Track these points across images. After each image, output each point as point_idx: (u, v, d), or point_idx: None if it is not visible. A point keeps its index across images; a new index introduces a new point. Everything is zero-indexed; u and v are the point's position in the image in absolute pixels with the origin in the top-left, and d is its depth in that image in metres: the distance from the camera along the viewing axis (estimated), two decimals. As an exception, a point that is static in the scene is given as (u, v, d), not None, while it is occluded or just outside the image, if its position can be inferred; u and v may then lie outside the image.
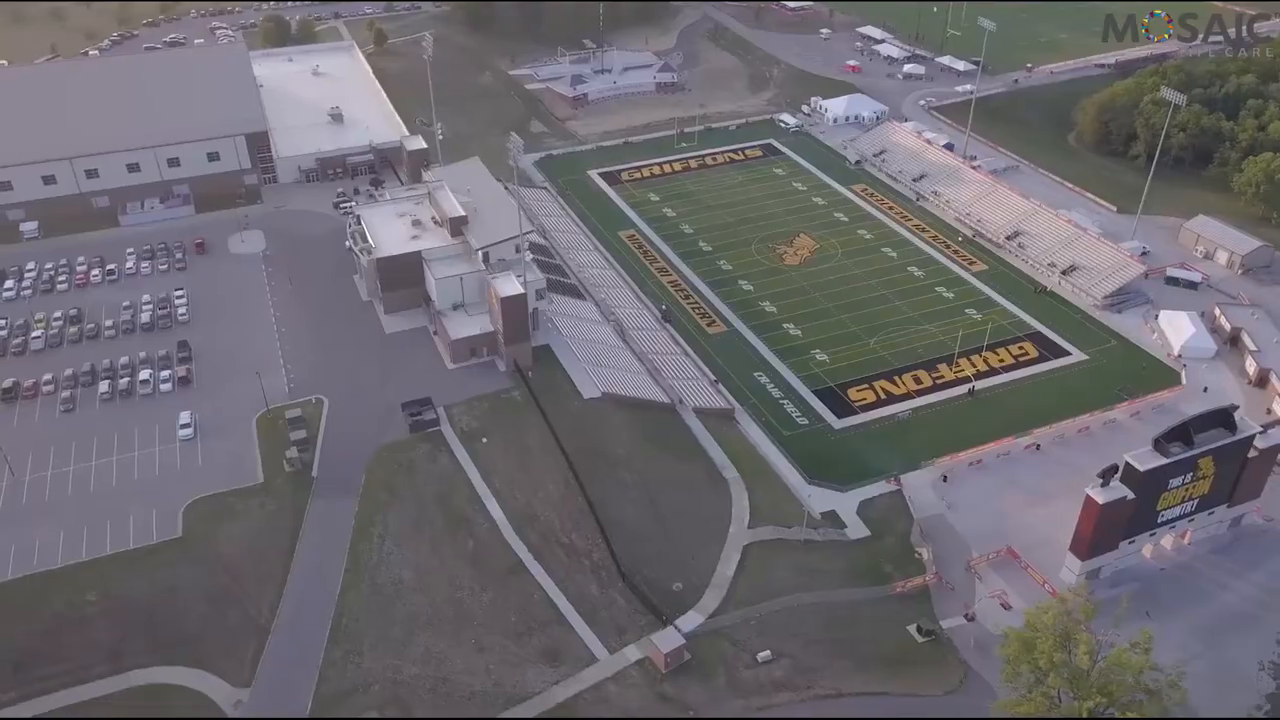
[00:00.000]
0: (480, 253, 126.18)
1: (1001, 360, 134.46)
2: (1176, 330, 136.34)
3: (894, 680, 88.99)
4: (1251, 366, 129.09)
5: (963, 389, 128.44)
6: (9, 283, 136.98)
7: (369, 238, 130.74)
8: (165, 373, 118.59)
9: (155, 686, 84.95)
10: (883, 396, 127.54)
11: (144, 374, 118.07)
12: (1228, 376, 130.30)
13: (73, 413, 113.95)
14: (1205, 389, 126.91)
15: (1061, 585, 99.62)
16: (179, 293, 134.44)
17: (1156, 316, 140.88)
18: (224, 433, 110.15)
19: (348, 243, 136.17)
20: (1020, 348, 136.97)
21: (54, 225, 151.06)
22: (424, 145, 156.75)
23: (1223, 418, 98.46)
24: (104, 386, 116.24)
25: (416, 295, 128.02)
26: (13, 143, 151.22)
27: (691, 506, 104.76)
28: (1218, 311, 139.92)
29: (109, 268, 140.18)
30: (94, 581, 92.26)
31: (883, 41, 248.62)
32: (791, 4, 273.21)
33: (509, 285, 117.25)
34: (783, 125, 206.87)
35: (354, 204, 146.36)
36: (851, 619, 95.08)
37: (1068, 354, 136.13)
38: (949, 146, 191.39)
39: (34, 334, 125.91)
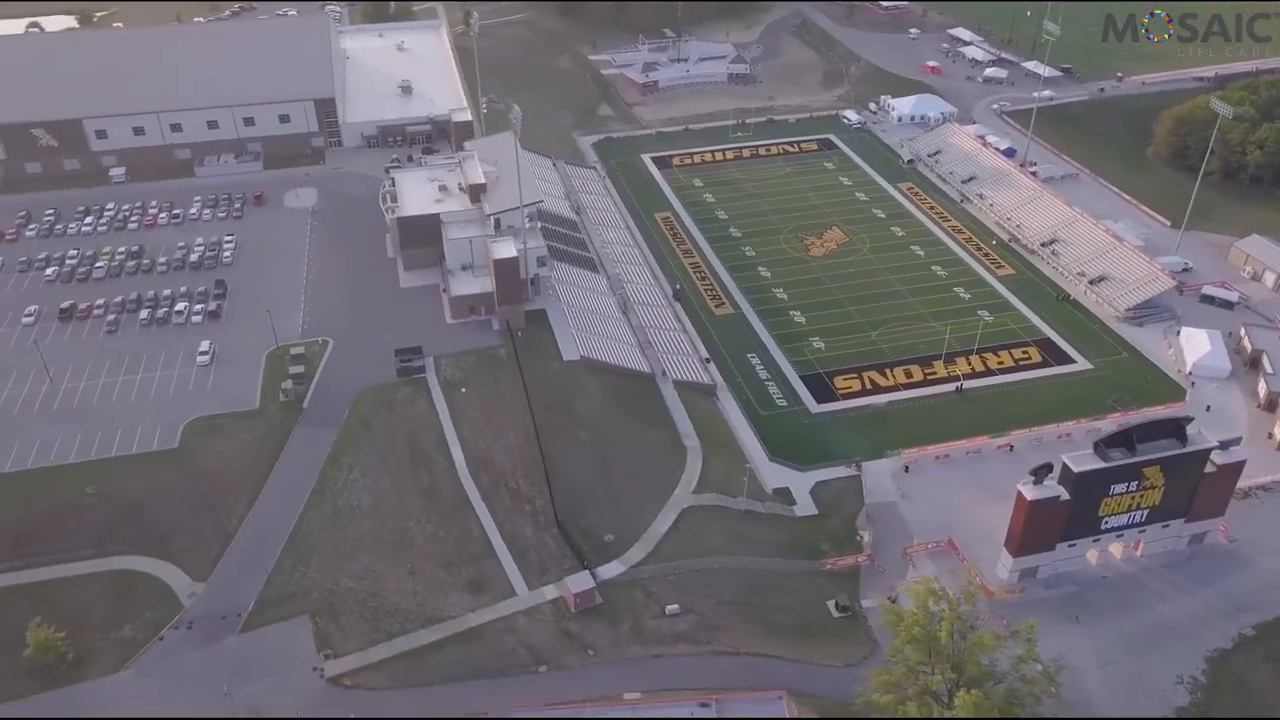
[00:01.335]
0: (493, 219, 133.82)
1: (1001, 362, 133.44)
2: (1193, 347, 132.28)
3: (796, 648, 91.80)
4: (1263, 389, 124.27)
5: (952, 386, 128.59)
6: (89, 218, 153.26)
7: (397, 198, 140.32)
8: (199, 306, 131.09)
9: (128, 572, 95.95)
10: (869, 386, 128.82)
11: (180, 306, 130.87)
12: (1237, 398, 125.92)
13: (114, 334, 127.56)
14: (1208, 408, 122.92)
15: (995, 579, 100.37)
16: (229, 238, 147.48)
17: (1178, 333, 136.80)
18: (236, 362, 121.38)
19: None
20: (1024, 352, 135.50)
21: (139, 172, 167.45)
22: (469, 118, 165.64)
23: (1173, 428, 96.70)
24: (144, 314, 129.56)
25: (434, 254, 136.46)
26: (111, 96, 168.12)
27: (642, 468, 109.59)
28: (1243, 332, 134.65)
29: (175, 212, 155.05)
30: (95, 478, 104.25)
31: (970, 44, 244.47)
32: (885, 3, 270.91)
33: (504, 249, 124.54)
34: (845, 122, 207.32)
35: (399, 168, 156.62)
36: (771, 587, 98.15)
37: (1072, 362, 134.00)
38: (1009, 151, 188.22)
39: (98, 264, 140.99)
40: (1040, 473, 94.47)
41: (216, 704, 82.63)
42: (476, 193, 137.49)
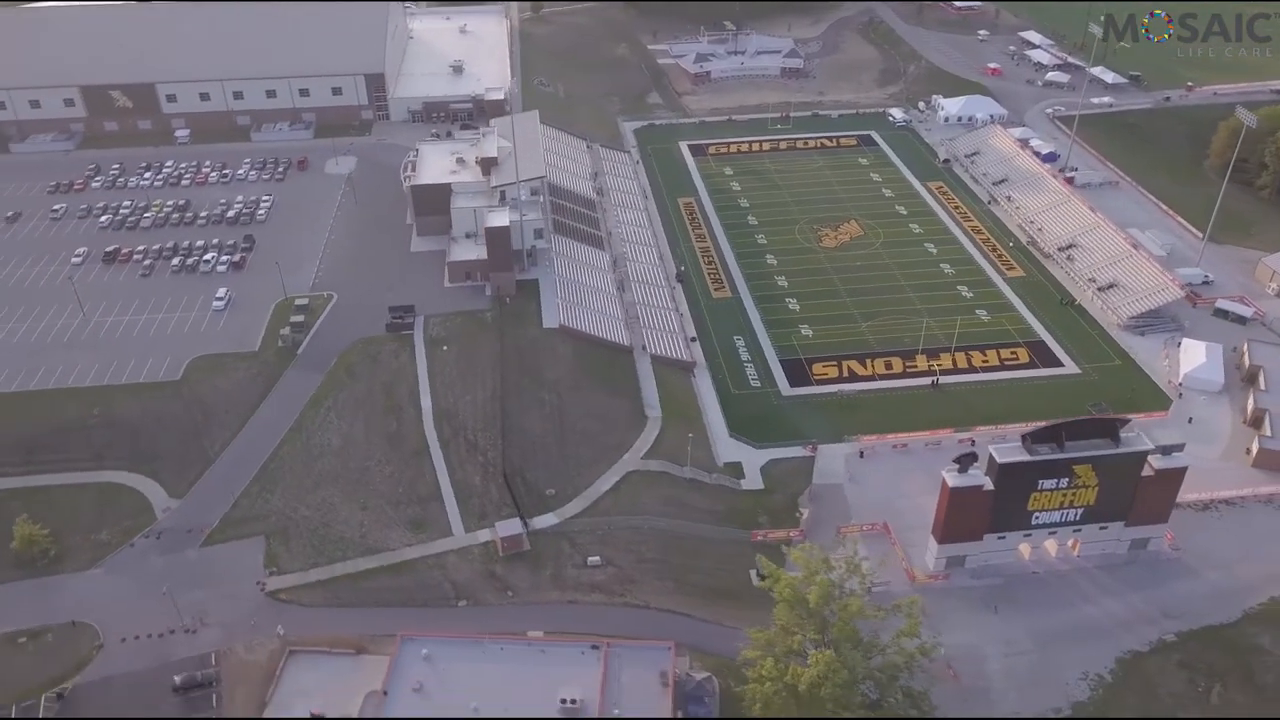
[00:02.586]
0: (499, 191, 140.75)
1: (986, 360, 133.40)
2: (1189, 359, 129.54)
3: (707, 609, 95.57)
4: (1251, 405, 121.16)
5: (928, 380, 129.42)
6: (148, 174, 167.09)
7: (415, 168, 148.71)
8: (225, 257, 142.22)
9: (116, 485, 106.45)
10: (845, 375, 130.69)
11: (208, 255, 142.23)
12: (1225, 412, 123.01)
13: (148, 278, 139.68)
14: (1190, 419, 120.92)
15: (921, 564, 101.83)
16: (267, 197, 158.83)
17: (1179, 344, 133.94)
18: (246, 309, 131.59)
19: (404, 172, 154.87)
20: (1012, 352, 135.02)
21: (202, 134, 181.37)
22: (502, 97, 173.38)
23: (1105, 428, 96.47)
24: (176, 261, 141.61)
25: (445, 222, 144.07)
26: (182, 63, 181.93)
27: (598, 432, 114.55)
28: (1245, 347, 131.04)
29: (225, 172, 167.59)
30: (102, 401, 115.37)
31: (1038, 47, 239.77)
32: (958, 2, 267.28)
33: (497, 218, 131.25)
34: (890, 119, 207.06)
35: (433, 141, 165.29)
36: (697, 551, 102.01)
37: (1061, 365, 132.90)
38: (1051, 156, 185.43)
39: (147, 214, 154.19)
40: (964, 461, 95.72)
41: (162, 603, 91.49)
42: (487, 166, 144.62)
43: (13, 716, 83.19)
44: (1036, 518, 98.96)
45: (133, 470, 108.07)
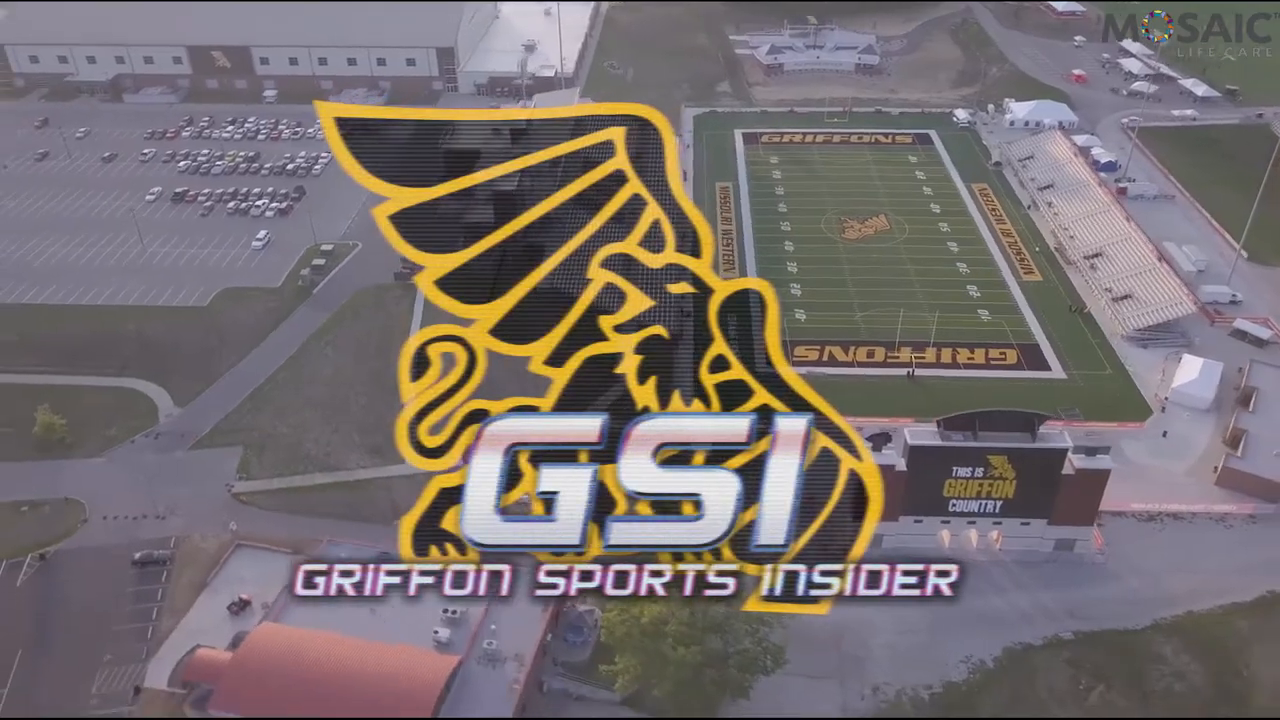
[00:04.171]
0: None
1: (971, 358, 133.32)
2: (1182, 374, 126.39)
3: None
4: (1231, 424, 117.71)
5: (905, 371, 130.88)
6: (230, 127, 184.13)
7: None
8: (275, 204, 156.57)
9: (131, 390, 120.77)
10: (825, 359, 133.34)
11: (260, 201, 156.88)
12: (1206, 430, 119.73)
13: (206, 218, 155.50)
14: (1165, 433, 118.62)
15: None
16: (325, 155, 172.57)
17: (1180, 359, 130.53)
18: (279, 251, 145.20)
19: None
20: (1001, 353, 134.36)
21: (287, 95, 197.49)
22: (551, 74, 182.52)
23: (1022, 421, 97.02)
24: (232, 205, 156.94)
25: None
26: (275, 29, 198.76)
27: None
28: (1248, 368, 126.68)
29: (296, 129, 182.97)
30: (136, 318, 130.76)
31: (1132, 55, 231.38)
32: (1059, 6, 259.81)
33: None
34: (954, 120, 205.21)
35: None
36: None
37: (1048, 369, 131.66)
38: (1111, 165, 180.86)
39: (219, 162, 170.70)
40: (878, 440, 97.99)
41: (141, 487, 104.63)
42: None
43: None
44: (954, 505, 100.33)
45: (149, 380, 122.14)
